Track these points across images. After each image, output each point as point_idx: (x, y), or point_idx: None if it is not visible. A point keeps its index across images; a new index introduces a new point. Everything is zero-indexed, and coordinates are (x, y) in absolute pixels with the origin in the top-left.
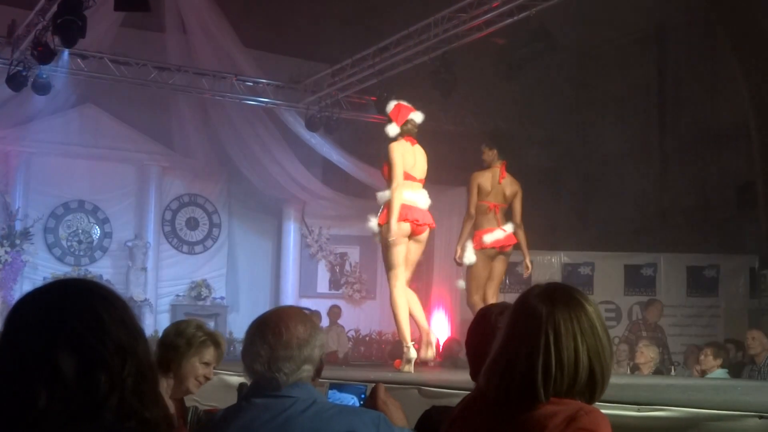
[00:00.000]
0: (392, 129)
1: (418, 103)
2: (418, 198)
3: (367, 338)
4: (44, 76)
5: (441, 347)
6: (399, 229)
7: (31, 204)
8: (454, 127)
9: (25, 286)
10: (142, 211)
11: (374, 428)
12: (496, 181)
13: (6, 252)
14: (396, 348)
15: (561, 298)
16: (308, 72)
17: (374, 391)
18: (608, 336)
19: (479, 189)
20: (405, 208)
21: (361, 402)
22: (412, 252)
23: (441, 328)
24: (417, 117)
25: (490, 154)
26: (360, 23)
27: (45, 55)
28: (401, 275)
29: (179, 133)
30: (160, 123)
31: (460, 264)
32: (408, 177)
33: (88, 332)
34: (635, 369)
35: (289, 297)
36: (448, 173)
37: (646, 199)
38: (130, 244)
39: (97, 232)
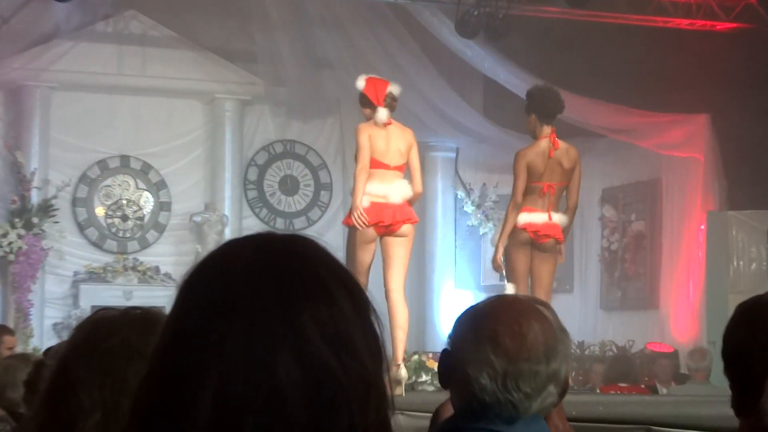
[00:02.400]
0: (381, 114)
1: None
2: (391, 191)
3: None
4: None
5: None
6: (361, 234)
7: (54, 164)
8: None
9: (48, 284)
10: (215, 170)
11: None
12: (546, 155)
13: (19, 236)
14: None
15: None
16: None
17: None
18: None
19: (529, 170)
20: (371, 205)
21: None
22: (393, 251)
23: None
24: (395, 90)
25: (529, 122)
26: None
27: None
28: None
29: (266, 50)
30: (238, 37)
31: (499, 267)
32: (378, 165)
33: (325, 345)
34: None
35: (439, 290)
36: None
37: None
38: (198, 218)
39: (149, 202)
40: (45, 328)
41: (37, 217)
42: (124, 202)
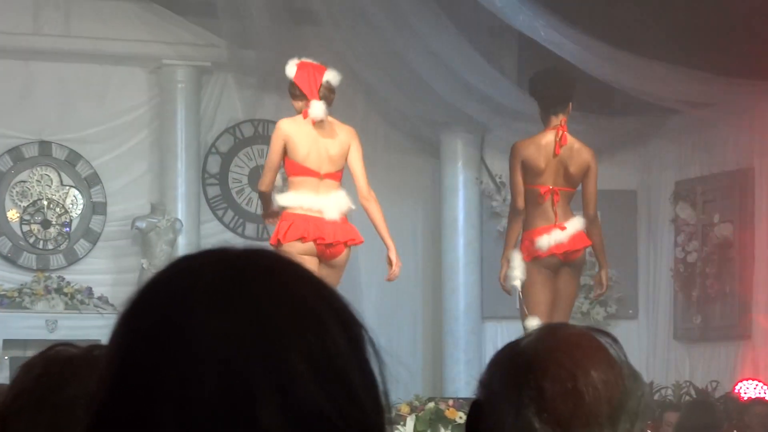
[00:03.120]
0: (315, 109)
1: None
2: (325, 204)
3: None
4: None
5: None
6: (295, 247)
7: None
8: None
9: None
10: (164, 160)
11: None
12: (550, 151)
13: None
14: None
15: None
16: None
17: None
18: None
19: (525, 167)
20: (301, 220)
21: None
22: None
23: None
24: (333, 78)
25: (539, 113)
26: None
27: None
28: None
29: (229, 1)
30: None
31: (507, 290)
32: (304, 172)
33: (319, 388)
34: None
35: (461, 317)
36: None
37: None
38: (142, 224)
39: (78, 203)
40: None
41: None
42: (45, 203)
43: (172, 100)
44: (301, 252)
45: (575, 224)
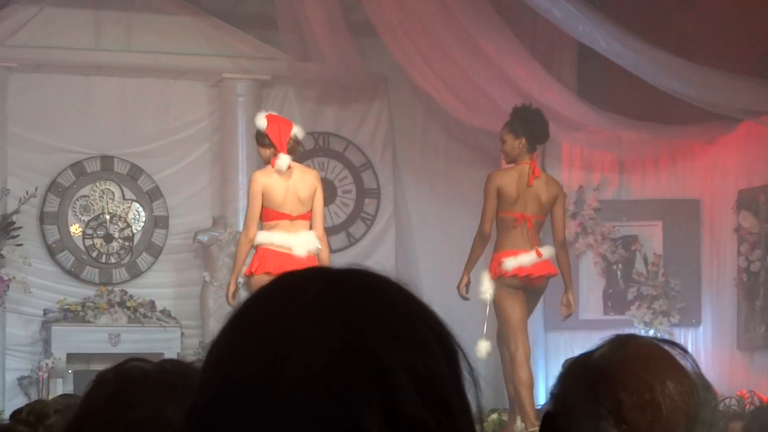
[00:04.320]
0: (282, 161)
1: None
2: (297, 243)
3: None
4: None
5: None
6: (263, 280)
7: (14, 169)
8: None
9: (10, 326)
10: (225, 173)
11: None
12: (524, 182)
13: None
14: None
15: None
16: None
17: None
18: None
19: (501, 195)
20: (272, 255)
21: None
22: None
23: None
24: (299, 132)
25: (515, 145)
26: None
27: None
28: None
29: (289, 14)
30: None
31: (465, 297)
32: (277, 216)
33: (420, 401)
34: None
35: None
36: None
37: None
38: (204, 237)
39: (140, 217)
40: (7, 383)
41: None
42: (108, 217)
43: (232, 113)
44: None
45: (548, 252)
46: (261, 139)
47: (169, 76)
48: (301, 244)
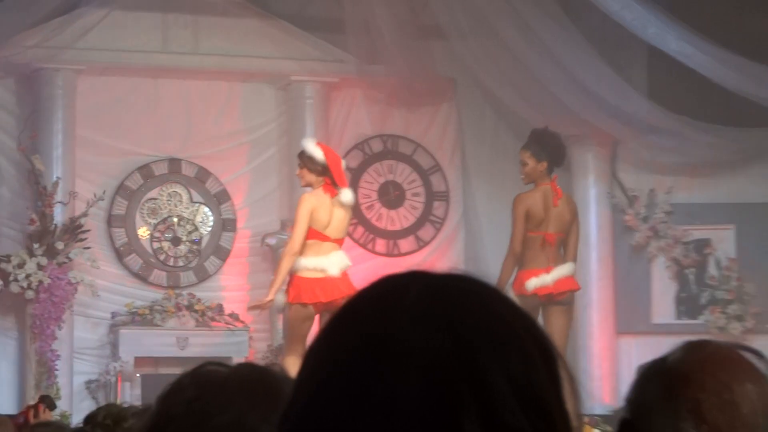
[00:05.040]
0: (349, 196)
1: None
2: (330, 263)
3: None
4: None
5: None
6: (298, 312)
7: (82, 171)
8: None
9: (78, 330)
10: (293, 176)
11: None
12: (549, 203)
13: (40, 267)
14: None
15: None
16: None
17: None
18: None
19: (529, 217)
20: (310, 283)
21: None
22: None
23: None
24: (343, 162)
25: (537, 168)
26: None
27: None
28: None
29: (357, 16)
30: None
31: None
32: (318, 236)
33: (521, 412)
34: None
35: (594, 333)
36: None
37: None
38: (272, 241)
39: (208, 220)
40: (75, 387)
41: (61, 241)
42: (175, 220)
43: (300, 116)
44: (300, 311)
45: (564, 270)
46: (312, 165)
47: (236, 79)
48: (333, 264)
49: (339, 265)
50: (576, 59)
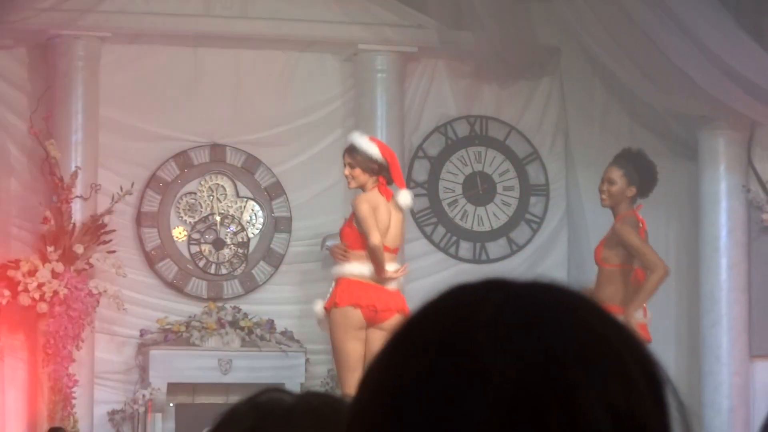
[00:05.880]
0: (408, 198)
1: None
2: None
3: None
4: None
5: None
6: (346, 318)
7: (106, 160)
8: None
9: (100, 350)
10: None
11: None
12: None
13: (55, 274)
14: None
15: None
16: None
17: None
18: None
19: (624, 246)
20: (359, 287)
21: None
22: (376, 345)
23: None
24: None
25: (625, 192)
26: None
27: None
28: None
29: None
30: None
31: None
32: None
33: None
34: None
35: (725, 356)
36: None
37: None
38: (331, 243)
39: (257, 219)
40: (96, 418)
41: (81, 243)
42: (218, 218)
43: (370, 93)
44: (350, 316)
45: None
46: (368, 164)
47: (293, 48)
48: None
49: (396, 279)
50: (707, 24)
